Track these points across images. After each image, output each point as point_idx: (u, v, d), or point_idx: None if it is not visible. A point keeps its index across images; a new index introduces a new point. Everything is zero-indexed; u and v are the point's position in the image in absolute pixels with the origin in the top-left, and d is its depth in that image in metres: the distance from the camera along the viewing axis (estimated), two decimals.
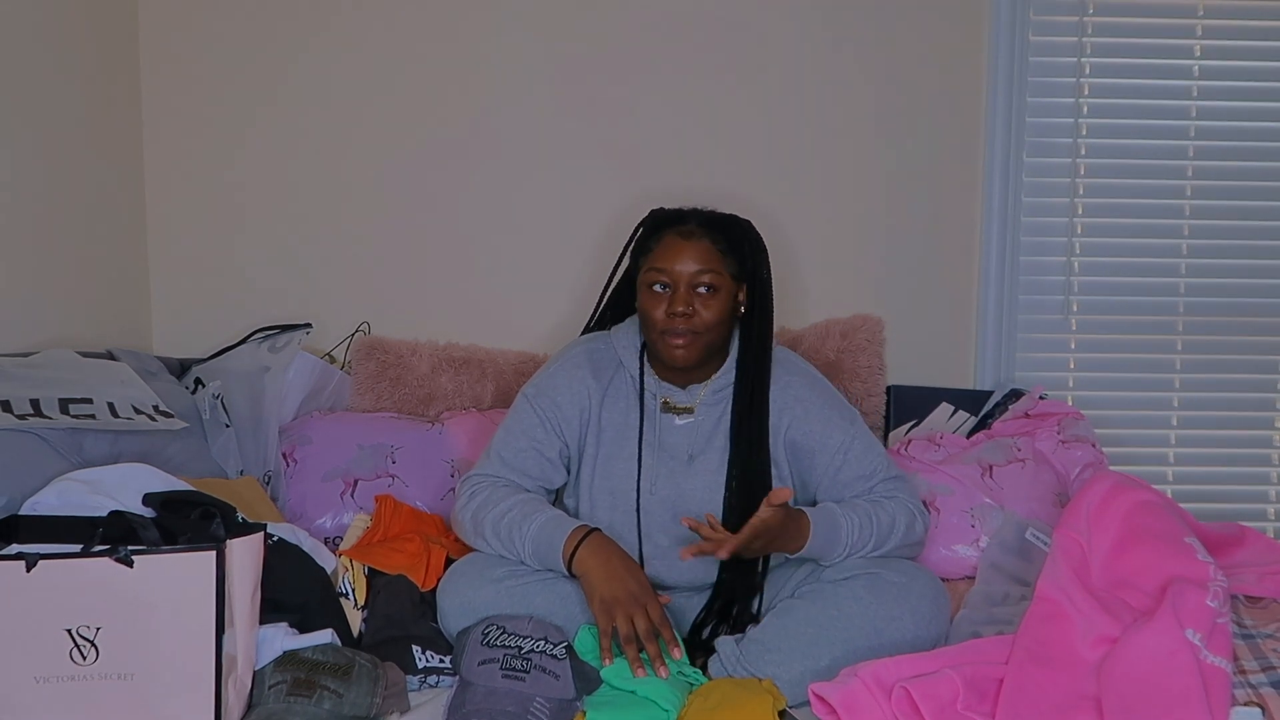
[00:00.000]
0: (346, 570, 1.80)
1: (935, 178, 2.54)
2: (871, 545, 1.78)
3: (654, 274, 1.81)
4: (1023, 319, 2.58)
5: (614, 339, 1.92)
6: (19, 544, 1.48)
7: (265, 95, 2.45)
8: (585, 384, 1.87)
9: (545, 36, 2.47)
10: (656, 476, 1.83)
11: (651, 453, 1.84)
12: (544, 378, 1.91)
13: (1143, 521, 1.79)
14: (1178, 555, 1.71)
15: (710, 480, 1.83)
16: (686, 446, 1.85)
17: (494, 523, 1.76)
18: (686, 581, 1.84)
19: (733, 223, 1.87)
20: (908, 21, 2.49)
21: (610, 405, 1.87)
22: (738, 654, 1.66)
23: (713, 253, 1.81)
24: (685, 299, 1.78)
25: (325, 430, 2.22)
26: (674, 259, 1.80)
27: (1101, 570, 1.73)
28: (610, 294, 2.02)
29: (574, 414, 1.86)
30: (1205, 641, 1.53)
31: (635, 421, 1.86)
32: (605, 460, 1.86)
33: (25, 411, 1.72)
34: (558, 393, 1.87)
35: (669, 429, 1.86)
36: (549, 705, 1.49)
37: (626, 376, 1.89)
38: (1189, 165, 2.57)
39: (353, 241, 2.49)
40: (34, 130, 2.05)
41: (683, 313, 1.77)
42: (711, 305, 1.79)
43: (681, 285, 1.79)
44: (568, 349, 1.95)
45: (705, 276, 1.79)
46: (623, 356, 1.90)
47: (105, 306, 2.30)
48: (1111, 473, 1.96)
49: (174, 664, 1.39)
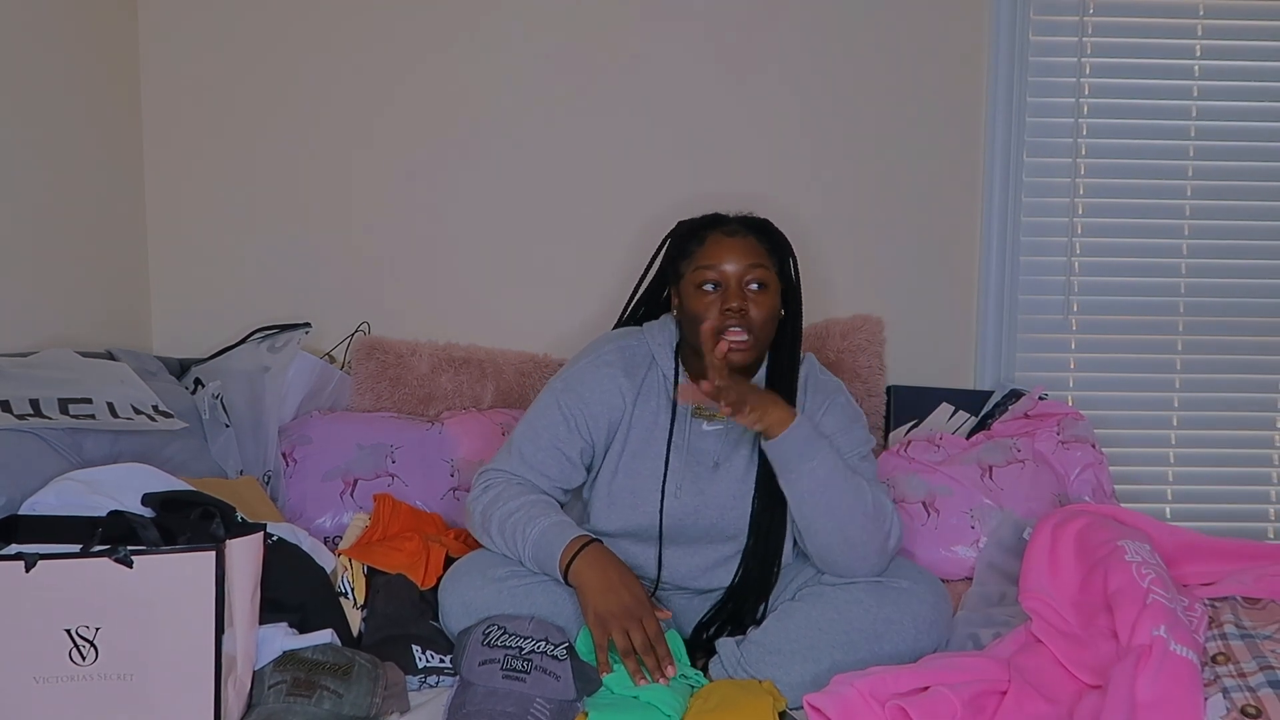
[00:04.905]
0: (345, 569, 1.80)
1: (935, 178, 2.54)
2: (845, 487, 1.70)
3: (703, 272, 1.77)
4: (1023, 319, 2.59)
5: (648, 336, 1.88)
6: (18, 544, 1.48)
7: (266, 95, 2.45)
8: (617, 382, 1.82)
9: (545, 38, 2.47)
10: (682, 480, 1.81)
11: (679, 456, 1.81)
12: (573, 374, 1.85)
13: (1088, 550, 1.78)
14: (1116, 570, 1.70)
15: (735, 488, 1.81)
16: (713, 453, 1.82)
17: (500, 522, 1.74)
18: (697, 583, 1.84)
19: (768, 225, 1.85)
20: (907, 22, 2.50)
21: (643, 404, 1.83)
22: (738, 656, 1.66)
23: (760, 250, 1.79)
24: (738, 294, 1.74)
25: (325, 430, 2.22)
26: (724, 257, 1.77)
27: (1075, 617, 1.72)
28: (636, 302, 2.00)
29: (602, 413, 1.82)
30: (1170, 632, 1.53)
31: (665, 423, 1.82)
32: (630, 458, 1.82)
33: (25, 411, 1.72)
34: (587, 390, 1.82)
35: (698, 433, 1.83)
36: (549, 706, 1.49)
37: (659, 375, 1.85)
38: (1189, 165, 2.58)
39: (353, 241, 2.49)
40: (34, 130, 2.05)
41: (738, 308, 1.73)
42: (763, 303, 1.76)
43: (733, 282, 1.75)
44: (599, 344, 1.89)
45: (757, 272, 1.76)
46: (656, 354, 1.86)
47: (105, 306, 2.30)
48: (1049, 517, 1.92)
49: (174, 664, 1.39)
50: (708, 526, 1.81)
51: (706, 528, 1.81)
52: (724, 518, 1.80)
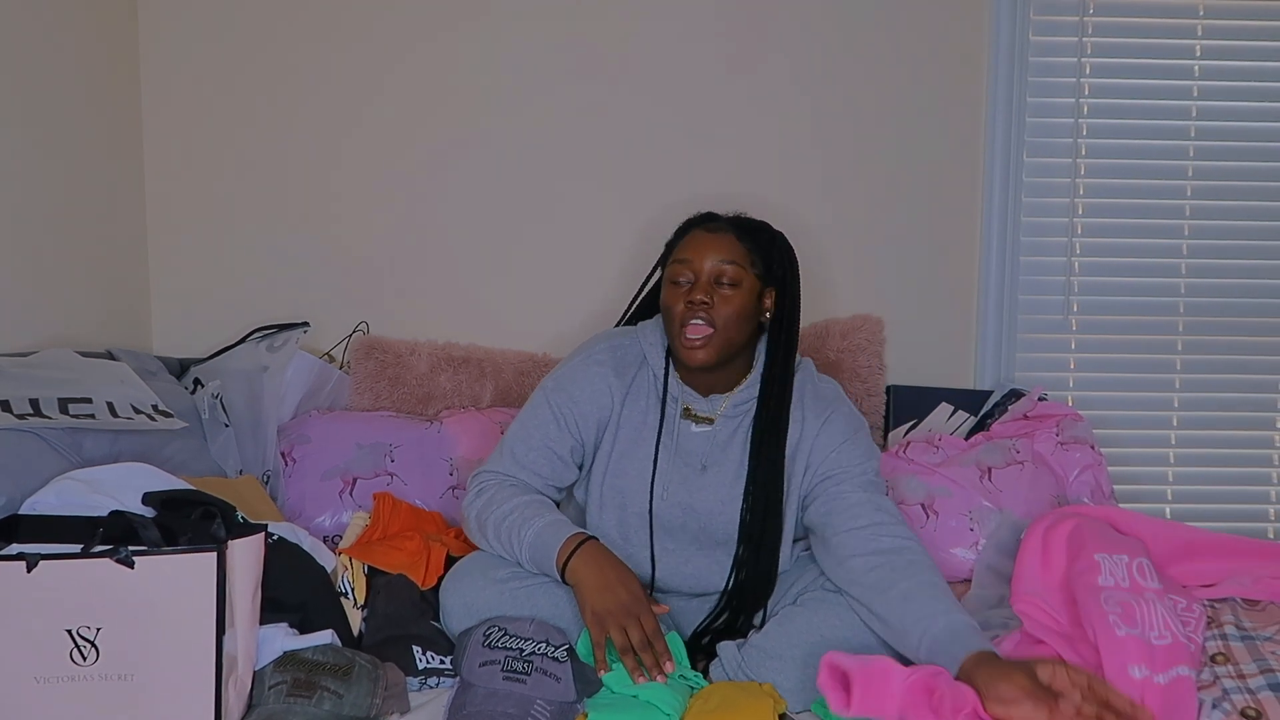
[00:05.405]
0: (346, 569, 1.80)
1: (935, 178, 2.54)
2: None
3: (677, 266, 1.78)
4: (1023, 319, 2.59)
5: (640, 335, 1.87)
6: (19, 544, 1.47)
7: (265, 95, 2.45)
8: (606, 381, 1.82)
9: (547, 37, 2.47)
10: (670, 481, 1.80)
11: (668, 457, 1.80)
12: (564, 372, 1.85)
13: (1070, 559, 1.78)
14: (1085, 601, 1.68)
15: (723, 492, 1.80)
16: (701, 455, 1.81)
17: (496, 524, 1.74)
18: (692, 587, 1.83)
19: (763, 227, 1.84)
20: (908, 21, 2.50)
21: (631, 403, 1.83)
22: (739, 659, 1.65)
23: (737, 247, 1.77)
24: (705, 289, 1.74)
25: (324, 429, 2.22)
26: (696, 250, 1.77)
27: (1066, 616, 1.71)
28: (639, 304, 1.99)
29: (591, 411, 1.82)
30: (1150, 667, 1.52)
31: (654, 423, 1.82)
32: (619, 458, 1.82)
33: (25, 411, 1.72)
34: (576, 388, 1.82)
35: (686, 435, 1.82)
36: (550, 707, 1.49)
37: (649, 375, 1.85)
38: (1189, 165, 2.58)
39: (352, 241, 2.49)
40: (34, 130, 2.04)
41: (701, 301, 1.73)
42: (732, 300, 1.75)
43: (703, 276, 1.75)
44: (591, 344, 1.88)
45: (727, 269, 1.75)
46: (648, 353, 1.85)
47: (105, 306, 2.30)
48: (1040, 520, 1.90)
49: (174, 664, 1.39)
50: (697, 530, 1.80)
51: (696, 530, 1.80)
52: (713, 521, 1.79)
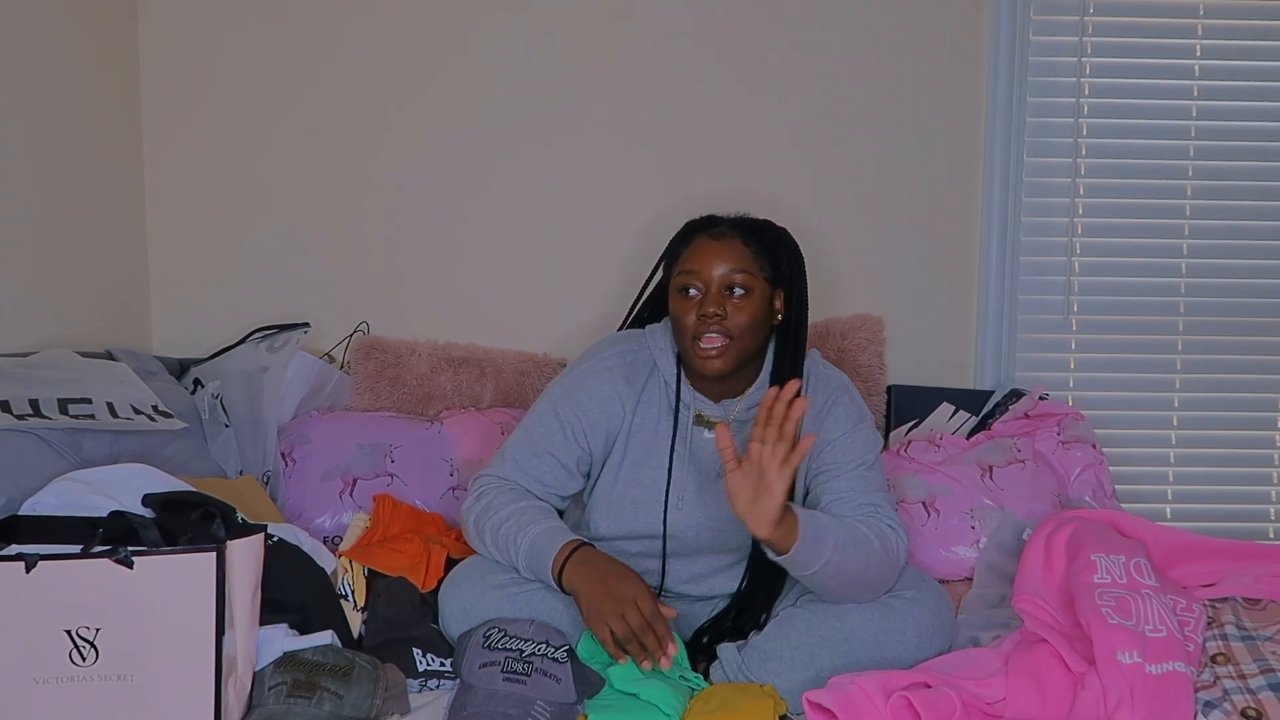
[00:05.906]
0: (346, 571, 1.80)
1: (935, 178, 2.54)
2: (855, 556, 1.63)
3: (684, 277, 1.74)
4: (1023, 319, 2.59)
5: (649, 340, 1.84)
6: (19, 544, 1.47)
7: (265, 95, 2.45)
8: (617, 389, 1.79)
9: (544, 38, 2.46)
10: (685, 490, 1.77)
11: (682, 465, 1.78)
12: (572, 379, 1.81)
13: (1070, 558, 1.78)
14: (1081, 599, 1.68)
15: None
16: (716, 463, 1.77)
17: (493, 530, 1.71)
18: (701, 592, 1.82)
19: (767, 227, 1.80)
20: (907, 22, 2.49)
21: (643, 411, 1.80)
22: (739, 661, 1.65)
23: (745, 253, 1.74)
24: (717, 300, 1.70)
25: (324, 430, 2.22)
26: (704, 260, 1.73)
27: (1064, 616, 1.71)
28: (641, 306, 1.95)
29: (600, 421, 1.78)
30: (1141, 655, 1.52)
31: (666, 431, 1.79)
32: (631, 468, 1.79)
33: (24, 412, 1.72)
34: (585, 397, 1.78)
35: (700, 442, 1.79)
36: (550, 708, 1.49)
37: (660, 381, 1.81)
38: (1189, 165, 2.58)
39: (352, 241, 2.49)
40: (34, 130, 2.04)
41: (714, 313, 1.69)
42: (744, 309, 1.71)
43: (713, 286, 1.71)
44: (599, 349, 1.85)
45: (737, 277, 1.71)
46: (658, 359, 1.82)
47: (105, 306, 2.30)
48: (1045, 523, 1.89)
49: (174, 665, 1.38)
50: (709, 540, 1.79)
51: (709, 541, 1.79)
52: (727, 528, 1.76)
